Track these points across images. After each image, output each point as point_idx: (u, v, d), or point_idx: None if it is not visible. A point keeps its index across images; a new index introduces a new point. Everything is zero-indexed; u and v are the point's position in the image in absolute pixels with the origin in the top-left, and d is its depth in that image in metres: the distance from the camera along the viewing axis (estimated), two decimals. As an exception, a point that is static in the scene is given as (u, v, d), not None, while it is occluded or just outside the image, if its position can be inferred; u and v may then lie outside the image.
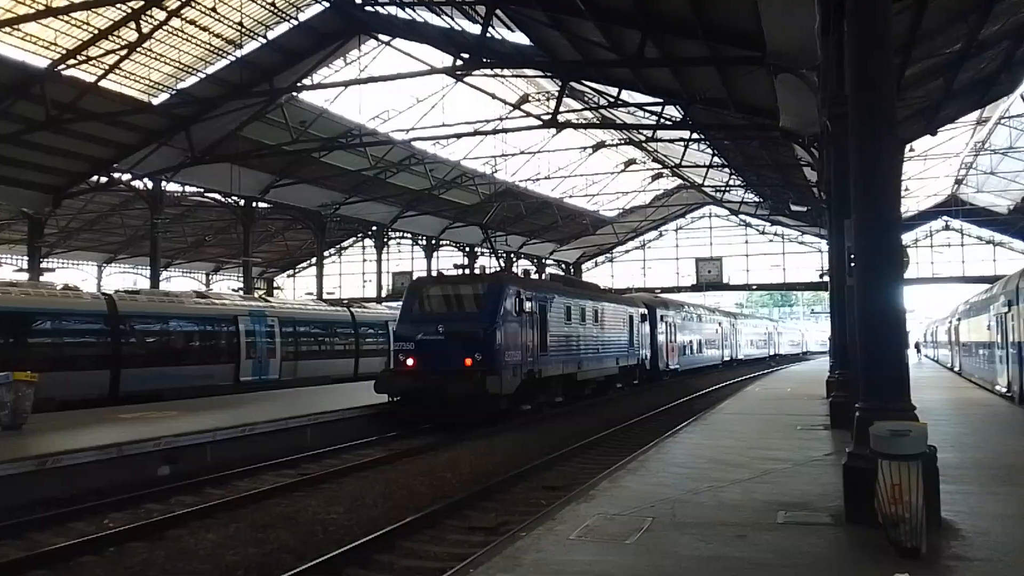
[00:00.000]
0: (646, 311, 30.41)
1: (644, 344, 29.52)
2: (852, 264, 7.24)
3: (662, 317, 32.34)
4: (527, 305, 18.59)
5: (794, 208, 39.34)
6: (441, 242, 51.08)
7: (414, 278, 25.46)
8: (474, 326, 17.17)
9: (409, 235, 50.22)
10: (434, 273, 21.18)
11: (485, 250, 53.77)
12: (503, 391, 17.01)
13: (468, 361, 16.76)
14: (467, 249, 53.51)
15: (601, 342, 24.33)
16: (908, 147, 23.68)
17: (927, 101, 17.04)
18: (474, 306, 17.79)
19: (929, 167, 36.33)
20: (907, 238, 48.62)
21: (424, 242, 50.09)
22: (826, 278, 21.57)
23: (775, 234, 56.95)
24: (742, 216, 55.64)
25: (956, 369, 30.79)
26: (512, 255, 55.12)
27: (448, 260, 54.62)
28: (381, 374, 18.42)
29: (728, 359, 46.75)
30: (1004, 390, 18.21)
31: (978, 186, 43.93)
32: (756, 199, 46.85)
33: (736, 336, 50.32)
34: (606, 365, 24.83)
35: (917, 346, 53.93)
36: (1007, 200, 44.32)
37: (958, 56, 14.84)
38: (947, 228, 53.00)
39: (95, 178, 30.00)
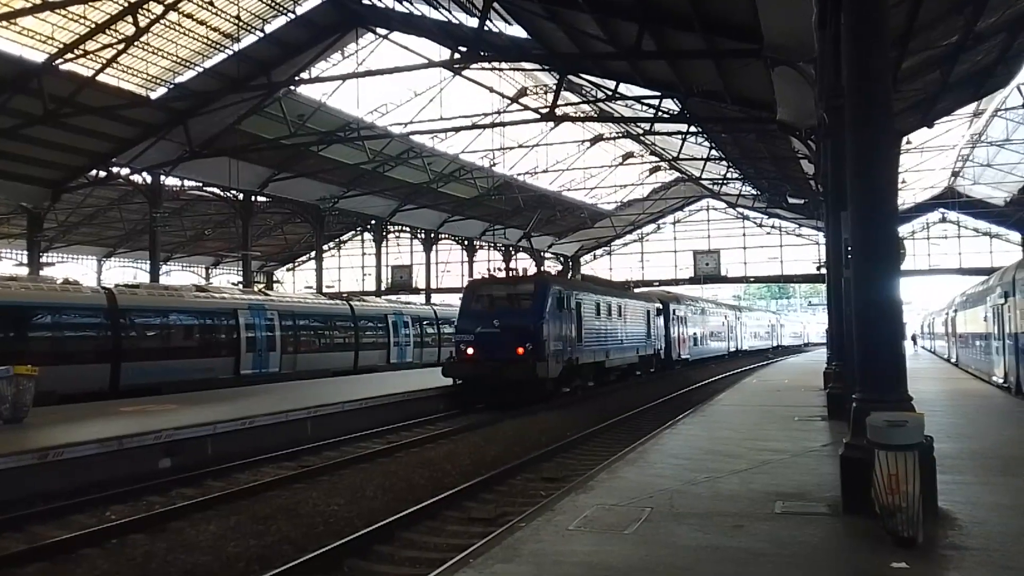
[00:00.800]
0: (661, 306, 33.34)
1: (659, 336, 32.40)
2: (849, 256, 7.28)
3: (674, 312, 35.16)
4: (566, 302, 21.39)
5: (791, 201, 39.41)
6: (440, 235, 51.09)
7: (471, 279, 29.27)
8: (525, 320, 19.96)
9: (408, 228, 50.24)
10: (486, 274, 24.46)
11: (484, 243, 53.88)
12: (549, 375, 19.87)
13: (520, 350, 19.43)
14: (465, 243, 53.55)
15: (625, 334, 27.22)
16: (905, 139, 23.68)
17: (924, 93, 17.05)
18: (524, 303, 20.59)
19: (926, 159, 36.38)
20: (904, 230, 48.68)
21: (423, 235, 50.11)
22: (823, 270, 21.60)
23: (772, 227, 57.03)
24: (739, 209, 55.70)
25: (953, 360, 30.91)
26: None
27: (446, 254, 54.81)
28: (447, 361, 21.32)
29: (734, 350, 49.12)
30: (1001, 381, 18.30)
31: (975, 178, 43.99)
32: (753, 192, 46.92)
33: (741, 328, 52.78)
34: (628, 355, 27.74)
35: (914, 338, 54.05)
36: (1003, 192, 44.39)
37: (955, 49, 14.85)
38: (944, 220, 53.08)
39: (94, 172, 29.97)
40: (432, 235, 50.16)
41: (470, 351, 20.12)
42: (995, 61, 17.07)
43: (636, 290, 37.07)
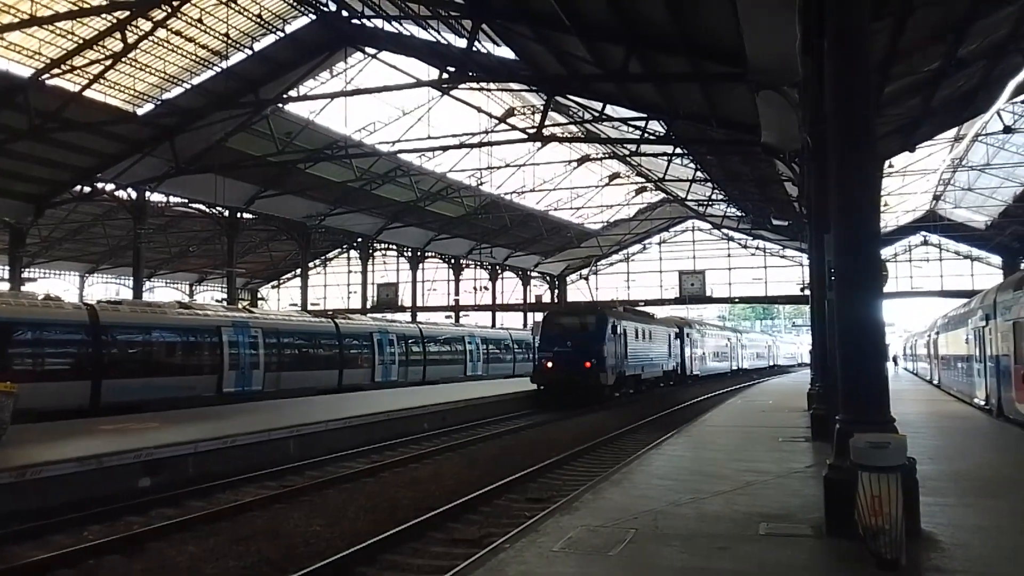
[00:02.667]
0: (678, 330, 39.55)
1: (677, 355, 38.61)
2: (832, 278, 7.34)
3: (688, 335, 41.38)
4: (617, 329, 28.35)
5: (775, 222, 39.74)
6: (427, 254, 51.08)
7: (549, 311, 35.24)
8: (591, 342, 26.69)
9: (394, 247, 50.19)
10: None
11: (471, 262, 53.95)
12: (607, 383, 26.95)
13: (588, 364, 26.13)
14: (452, 261, 53.55)
15: (655, 354, 34.40)
16: (887, 163, 23.97)
17: (906, 118, 17.29)
18: (589, 329, 27.36)
19: (908, 183, 36.84)
20: (886, 252, 49.25)
21: (409, 254, 50.07)
22: (807, 291, 21.74)
23: (757, 248, 57.41)
24: (724, 230, 56.05)
25: (935, 382, 31.10)
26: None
27: (433, 272, 54.78)
28: (535, 370, 27.83)
29: (736, 368, 53.92)
30: (982, 403, 18.42)
31: (956, 202, 44.56)
32: (738, 213, 47.22)
33: (741, 350, 58.10)
34: (656, 369, 34.85)
35: (895, 359, 54.43)
36: (984, 216, 44.97)
37: (936, 74, 15.09)
38: (925, 243, 53.67)
39: (78, 188, 29.81)
40: (418, 253, 50.13)
41: (549, 364, 26.80)
42: (976, 87, 17.36)
43: (667, 318, 43.00)
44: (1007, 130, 27.82)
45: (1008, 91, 16.42)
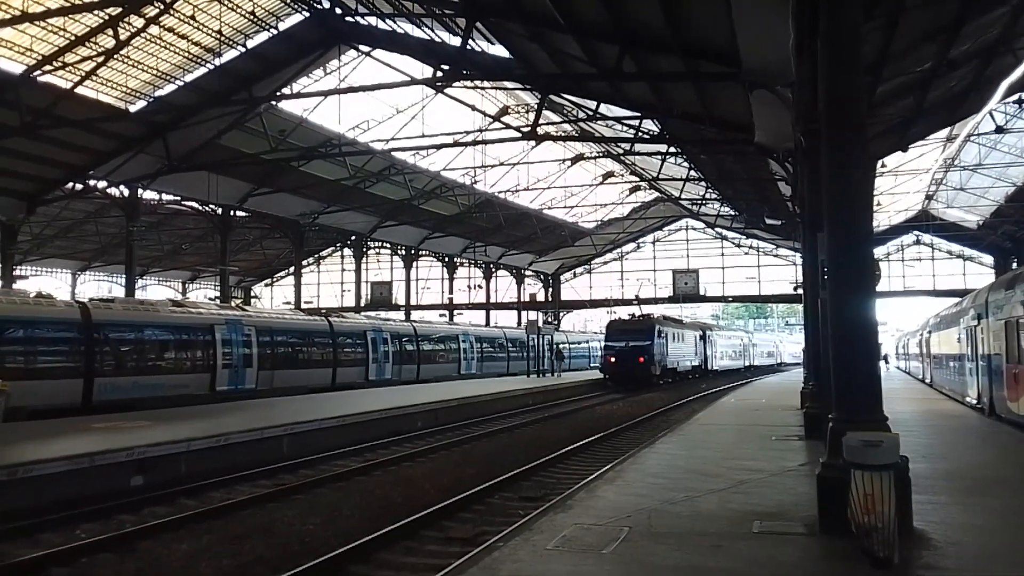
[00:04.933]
0: (702, 332, 48.52)
1: (701, 353, 47.39)
2: (825, 277, 7.36)
3: (710, 337, 49.89)
4: (661, 333, 38.31)
5: (769, 222, 39.89)
6: (420, 252, 51.04)
7: (611, 320, 42.78)
8: (644, 343, 36.79)
9: (388, 245, 50.14)
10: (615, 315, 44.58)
11: (465, 260, 53.95)
12: (655, 373, 37.11)
13: (641, 359, 36.39)
14: (446, 260, 53.52)
15: (686, 352, 43.89)
16: (880, 163, 24.08)
17: (898, 118, 17.34)
18: (643, 333, 37.23)
19: (900, 182, 36.99)
20: (879, 252, 49.41)
21: (403, 252, 50.02)
22: (800, 291, 21.83)
23: (750, 247, 57.60)
24: (718, 229, 56.20)
25: (927, 381, 31.24)
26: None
27: (427, 271, 54.73)
28: (602, 364, 38.76)
29: (748, 365, 59.94)
30: (974, 402, 18.52)
31: (948, 201, 44.76)
32: (732, 212, 47.38)
33: (752, 349, 64.50)
34: (687, 364, 44.09)
35: (885, 358, 54.70)
36: (976, 216, 45.19)
37: (928, 75, 15.15)
38: (918, 242, 53.92)
39: (70, 185, 29.66)
40: (412, 252, 50.07)
41: (613, 359, 37.03)
42: (968, 88, 17.44)
43: (694, 322, 50.91)
44: (999, 130, 27.95)
45: (1000, 92, 16.48)
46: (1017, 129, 30.07)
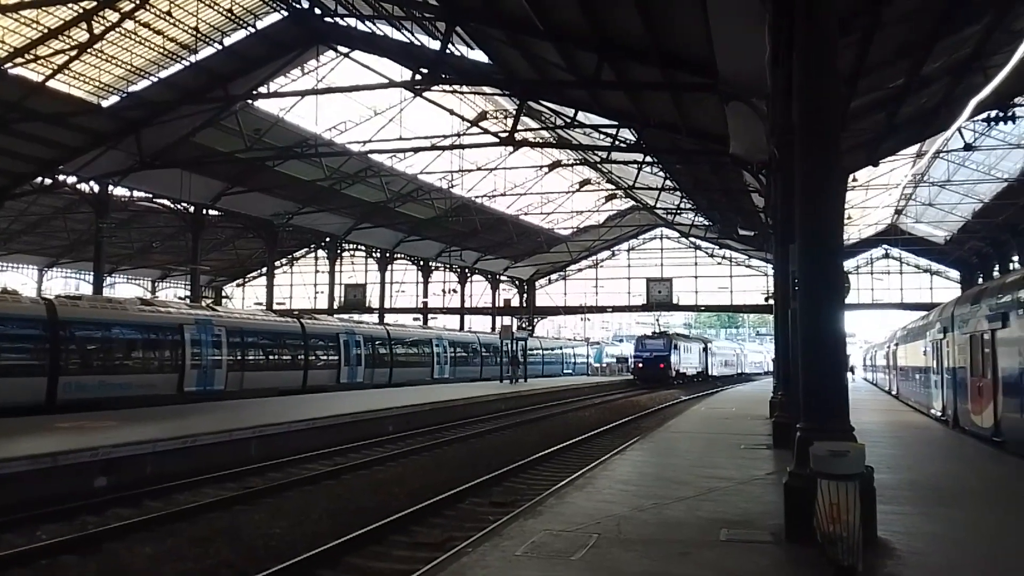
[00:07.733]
0: (705, 345, 59.16)
1: (703, 362, 57.20)
2: (796, 288, 7.44)
3: (710, 348, 59.94)
4: (677, 346, 49.74)
5: (742, 232, 40.17)
6: (396, 255, 50.84)
7: (641, 335, 52.64)
8: (663, 353, 48.19)
9: (363, 247, 49.88)
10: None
11: (440, 264, 53.83)
12: (671, 376, 48.28)
13: (662, 365, 47.92)
14: (421, 263, 53.36)
15: (692, 360, 54.53)
16: (851, 177, 24.38)
17: (870, 133, 17.63)
18: (662, 346, 48.50)
19: (871, 197, 37.52)
20: (849, 264, 50.16)
21: (378, 255, 49.81)
22: (771, 301, 22.05)
23: (723, 257, 58.17)
24: (692, 239, 56.66)
25: (893, 393, 31.69)
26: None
27: (402, 274, 54.51)
28: (632, 368, 51.32)
29: (740, 372, 68.17)
30: (939, 414, 18.82)
31: (916, 216, 45.54)
32: (706, 222, 47.79)
33: (744, 358, 72.74)
34: (692, 370, 54.26)
35: (852, 369, 55.50)
36: (944, 231, 46.01)
37: (901, 90, 15.41)
38: (887, 256, 54.81)
39: (39, 179, 29.13)
40: (387, 255, 49.87)
41: (640, 365, 48.64)
42: (938, 104, 17.77)
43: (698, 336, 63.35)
44: (968, 147, 28.47)
45: (969, 109, 16.81)
46: (985, 147, 30.69)
